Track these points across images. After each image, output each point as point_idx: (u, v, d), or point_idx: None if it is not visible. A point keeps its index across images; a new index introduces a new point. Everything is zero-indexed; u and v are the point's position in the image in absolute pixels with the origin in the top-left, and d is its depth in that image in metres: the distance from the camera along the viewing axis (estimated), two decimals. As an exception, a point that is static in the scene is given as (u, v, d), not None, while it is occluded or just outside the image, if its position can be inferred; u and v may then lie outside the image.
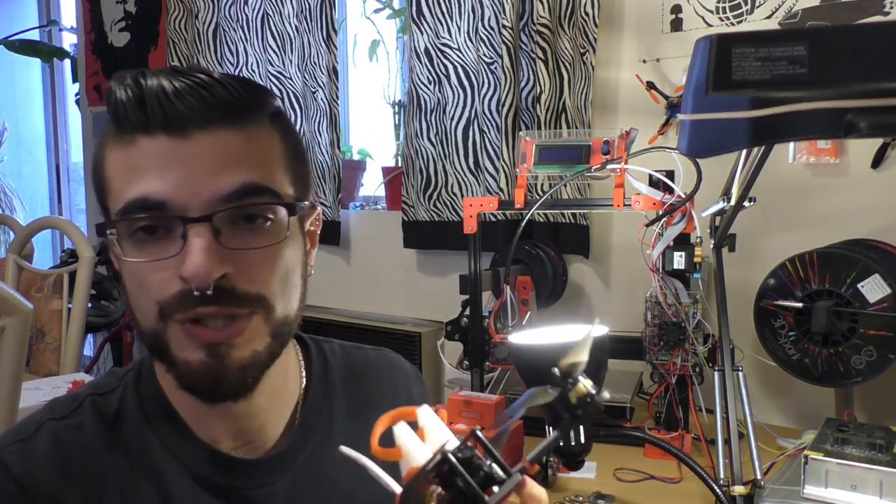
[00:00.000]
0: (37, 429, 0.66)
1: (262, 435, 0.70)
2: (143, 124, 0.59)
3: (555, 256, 1.86)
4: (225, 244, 0.59)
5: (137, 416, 0.68)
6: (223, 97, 0.59)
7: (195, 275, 0.58)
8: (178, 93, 0.58)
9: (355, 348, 0.83)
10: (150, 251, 0.60)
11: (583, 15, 1.81)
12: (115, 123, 0.61)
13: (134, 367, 0.72)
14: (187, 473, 0.66)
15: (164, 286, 0.60)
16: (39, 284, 2.29)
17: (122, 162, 0.60)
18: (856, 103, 0.76)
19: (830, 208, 1.60)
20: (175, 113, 0.58)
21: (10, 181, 4.50)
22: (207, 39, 2.72)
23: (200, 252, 0.58)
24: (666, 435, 1.38)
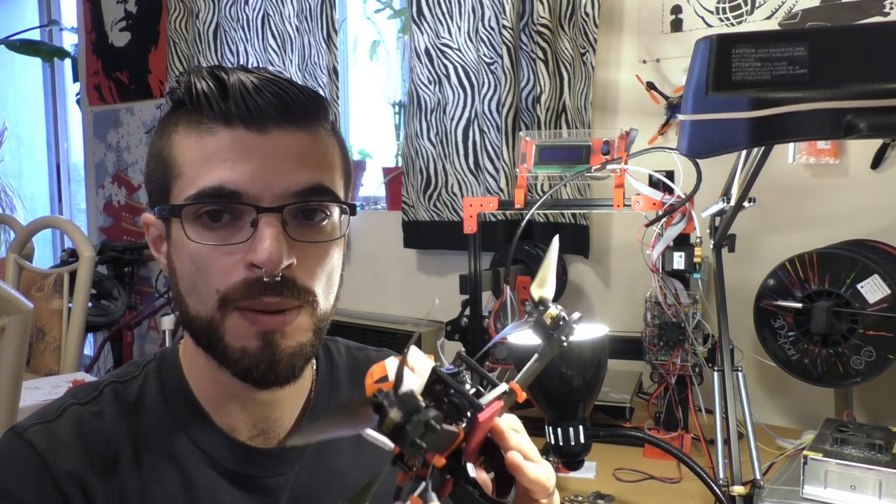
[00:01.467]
0: (60, 412, 0.68)
1: (278, 426, 0.73)
2: (224, 115, 0.62)
3: (555, 256, 1.86)
4: (290, 235, 0.63)
5: (158, 405, 0.70)
6: (297, 98, 0.63)
7: (268, 260, 0.60)
8: (258, 88, 0.62)
9: (359, 349, 0.86)
10: (217, 236, 0.62)
11: (583, 15, 1.81)
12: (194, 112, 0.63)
13: (155, 357, 0.74)
14: (206, 461, 0.69)
15: (229, 273, 0.62)
16: (40, 284, 2.29)
17: (198, 149, 0.63)
18: (856, 104, 0.76)
19: (830, 209, 1.60)
20: (256, 107, 0.61)
21: (10, 181, 4.50)
22: (208, 39, 2.72)
23: (273, 239, 0.61)
24: (665, 435, 1.39)
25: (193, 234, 0.62)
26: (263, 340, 0.63)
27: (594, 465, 1.36)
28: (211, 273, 0.62)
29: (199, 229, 0.62)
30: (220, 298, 0.63)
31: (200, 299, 0.64)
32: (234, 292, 0.62)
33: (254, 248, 0.61)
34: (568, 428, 0.96)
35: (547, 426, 0.98)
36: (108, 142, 3.42)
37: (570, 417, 0.96)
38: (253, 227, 0.62)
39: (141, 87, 3.21)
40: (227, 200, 0.61)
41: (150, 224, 0.70)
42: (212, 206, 0.62)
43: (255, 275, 0.62)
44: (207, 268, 0.63)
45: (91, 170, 3.54)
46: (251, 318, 0.63)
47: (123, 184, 3.37)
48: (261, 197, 0.62)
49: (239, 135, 0.62)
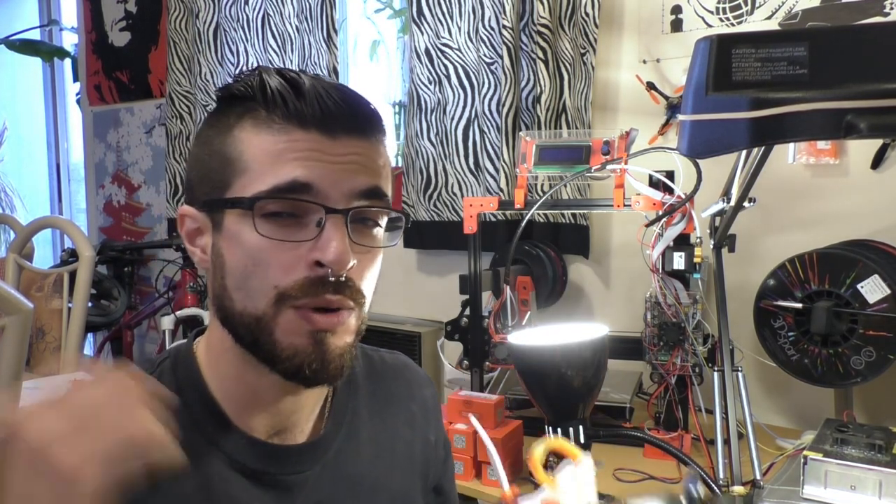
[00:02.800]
0: None
1: (295, 427, 0.73)
2: (300, 117, 0.63)
3: (555, 256, 1.86)
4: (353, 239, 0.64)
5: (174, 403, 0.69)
6: (366, 109, 0.66)
7: (336, 260, 0.62)
8: (331, 96, 0.64)
9: (373, 351, 0.87)
10: (282, 233, 0.63)
11: (583, 15, 1.81)
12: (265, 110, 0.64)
13: (169, 355, 0.73)
14: (222, 457, 0.68)
15: (289, 271, 0.63)
16: (40, 284, 2.29)
17: (269, 146, 0.63)
18: (856, 104, 0.76)
19: (830, 209, 1.60)
20: (329, 111, 0.63)
21: (10, 181, 4.50)
22: (208, 39, 2.72)
23: (343, 240, 0.62)
24: (665, 435, 1.39)
25: (261, 227, 0.63)
26: (314, 339, 0.64)
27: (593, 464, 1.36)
28: (270, 269, 0.63)
29: (265, 225, 0.63)
30: (278, 294, 0.63)
31: (252, 295, 0.64)
32: (294, 289, 0.63)
33: (321, 247, 0.62)
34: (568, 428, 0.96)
35: (547, 426, 0.98)
36: (108, 142, 3.42)
37: (570, 417, 0.96)
38: (318, 226, 0.63)
39: (141, 86, 3.21)
40: (299, 195, 0.62)
41: (187, 216, 0.69)
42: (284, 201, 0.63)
43: (317, 273, 0.63)
44: (266, 263, 0.63)
45: (91, 170, 3.54)
46: (306, 315, 0.63)
47: (123, 184, 3.37)
48: (329, 196, 0.63)
49: (312, 136, 0.63)
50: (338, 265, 0.62)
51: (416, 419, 0.84)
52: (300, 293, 0.63)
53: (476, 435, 1.32)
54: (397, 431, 0.81)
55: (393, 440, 0.80)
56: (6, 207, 4.42)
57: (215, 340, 0.70)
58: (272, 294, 0.63)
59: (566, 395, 0.95)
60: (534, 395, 0.98)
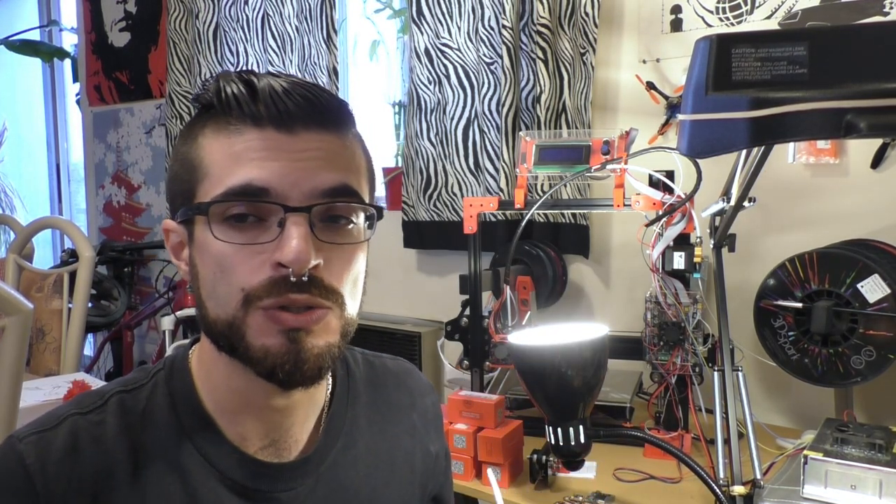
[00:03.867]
0: (59, 422, 0.66)
1: (290, 437, 0.71)
2: (254, 117, 0.62)
3: (555, 256, 1.86)
4: (318, 236, 0.62)
5: (166, 415, 0.68)
6: (327, 103, 0.64)
7: (295, 259, 0.60)
8: (287, 92, 0.62)
9: (375, 357, 0.85)
10: (244, 236, 0.62)
11: (583, 15, 1.81)
12: (222, 115, 0.63)
13: (165, 365, 0.72)
14: (213, 473, 0.67)
15: (254, 273, 0.62)
16: (40, 284, 2.29)
17: (226, 149, 0.62)
18: (855, 103, 0.76)
19: (830, 208, 1.60)
20: (285, 109, 0.61)
21: (10, 181, 4.50)
22: (208, 39, 2.72)
23: (301, 238, 0.60)
24: (666, 435, 1.39)
25: (219, 233, 0.62)
26: (288, 338, 0.62)
27: (594, 465, 1.36)
28: (235, 273, 0.62)
29: (225, 229, 0.62)
30: (244, 297, 0.62)
31: (221, 301, 0.63)
32: (259, 290, 0.61)
33: (281, 246, 0.61)
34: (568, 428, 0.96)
35: (547, 426, 0.98)
36: (107, 142, 3.42)
37: (570, 417, 0.96)
38: (280, 226, 0.61)
39: (141, 87, 3.21)
40: (255, 198, 0.61)
41: (170, 230, 0.69)
42: (240, 203, 0.61)
43: (281, 274, 0.61)
44: (231, 268, 0.62)
45: (91, 170, 3.54)
46: (274, 316, 0.62)
47: (123, 184, 3.37)
48: (289, 196, 0.61)
49: (268, 134, 0.62)
50: (297, 264, 0.60)
51: (416, 429, 0.83)
52: (264, 293, 0.61)
53: (476, 435, 1.32)
54: (397, 441, 0.80)
55: (392, 450, 0.79)
56: (6, 208, 4.42)
57: (205, 350, 0.69)
58: (239, 297, 0.62)
59: (566, 395, 0.95)
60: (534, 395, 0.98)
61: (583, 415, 0.97)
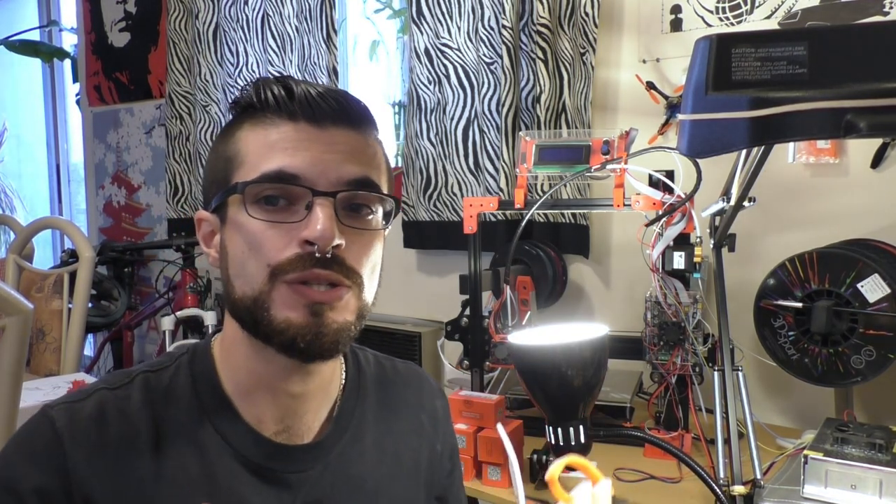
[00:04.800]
0: (88, 395, 0.71)
1: (303, 424, 0.75)
2: (290, 112, 0.68)
3: (555, 256, 1.86)
4: (341, 221, 0.68)
5: (187, 393, 0.73)
6: (355, 104, 0.71)
7: (321, 236, 0.65)
8: (322, 95, 0.69)
9: (386, 359, 0.89)
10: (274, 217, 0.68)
11: (583, 15, 1.81)
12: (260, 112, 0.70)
13: (189, 349, 0.77)
14: (229, 450, 0.71)
15: (281, 249, 0.67)
16: (40, 284, 2.29)
17: (261, 139, 0.69)
18: (855, 103, 0.76)
19: (830, 208, 1.60)
20: (316, 104, 0.68)
21: (10, 181, 4.50)
22: (207, 39, 2.72)
23: (327, 218, 0.66)
24: (666, 435, 1.39)
25: (253, 211, 0.67)
26: (311, 311, 0.67)
27: (594, 465, 1.36)
28: (263, 249, 0.67)
29: (258, 209, 0.67)
30: (271, 272, 0.66)
31: (249, 279, 0.68)
32: (286, 265, 0.66)
33: (308, 225, 0.66)
34: (568, 428, 0.96)
35: (547, 426, 0.98)
36: (107, 142, 3.42)
37: (570, 417, 0.96)
38: (307, 209, 0.67)
39: (141, 87, 3.21)
40: (287, 182, 0.67)
41: (203, 220, 0.74)
42: (272, 187, 0.67)
43: (306, 251, 0.66)
44: (260, 245, 0.67)
45: (91, 170, 3.54)
46: (299, 290, 0.66)
47: (123, 184, 3.37)
48: (317, 182, 0.67)
49: (301, 127, 0.68)
50: (322, 241, 0.65)
51: (424, 428, 0.86)
52: (290, 267, 0.66)
53: (476, 435, 1.32)
54: (403, 439, 0.83)
55: (398, 447, 0.82)
56: (6, 208, 4.42)
57: (228, 333, 0.74)
58: (266, 272, 0.67)
59: (566, 394, 0.95)
60: (534, 395, 0.98)
61: (583, 415, 0.97)
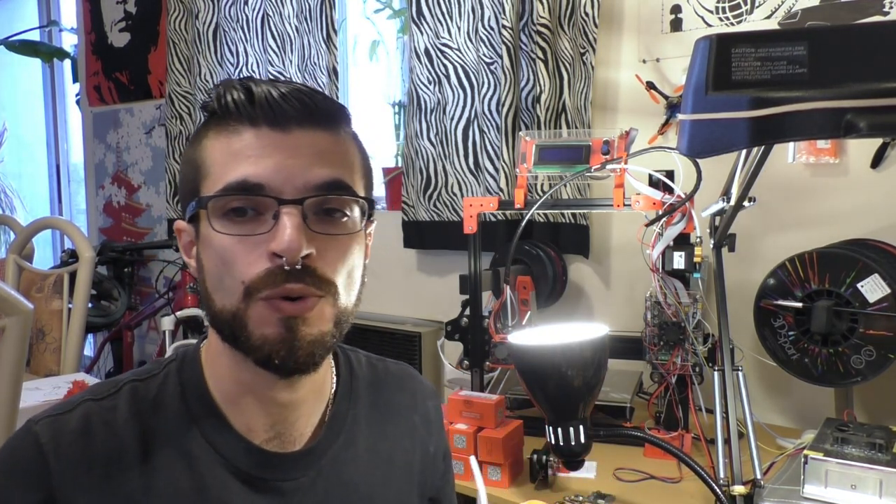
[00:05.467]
0: (73, 407, 0.70)
1: (294, 430, 0.74)
2: (250, 118, 0.65)
3: (555, 256, 1.86)
4: (311, 227, 0.65)
5: (176, 403, 0.71)
6: (321, 103, 0.67)
7: (287, 248, 0.63)
8: (284, 96, 0.65)
9: (378, 360, 0.87)
10: (242, 229, 0.65)
11: (583, 15, 1.81)
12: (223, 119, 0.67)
13: (177, 357, 0.75)
14: (219, 460, 0.70)
15: (252, 264, 0.65)
16: (40, 284, 2.29)
17: (224, 148, 0.66)
18: (855, 103, 0.76)
19: (830, 208, 1.60)
20: (278, 107, 0.65)
21: (10, 181, 4.50)
22: (207, 39, 2.72)
23: (293, 229, 0.63)
24: (666, 435, 1.39)
25: (219, 226, 0.65)
26: (285, 327, 0.65)
27: (594, 464, 1.36)
28: (236, 265, 0.65)
29: (225, 223, 0.65)
30: (245, 289, 0.65)
31: (226, 293, 0.66)
32: (258, 282, 0.64)
33: (275, 236, 0.64)
34: (568, 428, 0.96)
35: (547, 426, 0.98)
36: (107, 142, 3.42)
37: (570, 417, 0.96)
38: (275, 219, 0.64)
39: (141, 87, 3.21)
40: (251, 193, 0.64)
41: (181, 230, 0.72)
42: (237, 198, 0.65)
43: (276, 264, 0.64)
44: (232, 260, 0.65)
45: (91, 170, 3.54)
46: (275, 304, 0.65)
47: (123, 184, 3.37)
48: (282, 190, 0.64)
49: (262, 133, 0.65)
50: (289, 253, 0.63)
51: (417, 430, 0.85)
52: (262, 285, 0.64)
53: (476, 435, 1.32)
54: (397, 442, 0.82)
55: (391, 450, 0.81)
56: (6, 208, 4.42)
57: (213, 342, 0.72)
58: (241, 289, 0.65)
59: (566, 395, 0.95)
60: (534, 395, 0.98)
61: (583, 415, 0.97)
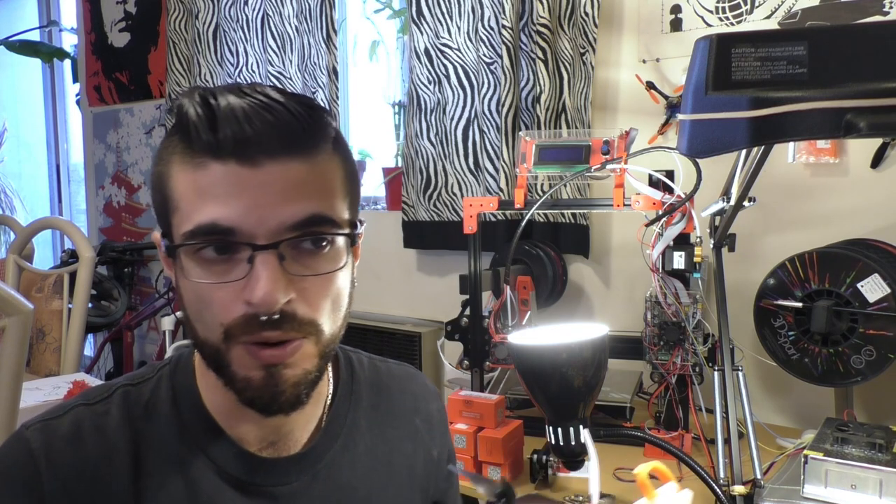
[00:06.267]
0: (65, 412, 0.69)
1: (289, 439, 0.72)
2: (213, 148, 0.60)
3: (555, 256, 1.86)
4: (288, 270, 0.61)
5: (168, 408, 0.70)
6: (289, 122, 0.60)
7: (262, 301, 0.60)
8: (248, 116, 0.59)
9: (381, 361, 0.86)
10: (216, 271, 0.62)
11: (583, 15, 1.81)
12: (185, 143, 0.62)
13: (170, 360, 0.74)
14: (212, 467, 0.69)
15: (229, 308, 0.62)
16: (40, 284, 2.29)
17: (191, 183, 0.61)
18: (855, 103, 0.76)
19: (830, 208, 1.60)
20: (245, 138, 0.59)
21: (10, 181, 4.50)
22: (207, 40, 2.72)
23: (267, 280, 0.60)
24: (666, 435, 1.39)
25: (194, 269, 0.62)
26: (266, 372, 0.63)
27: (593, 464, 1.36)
28: (213, 307, 0.62)
29: (201, 263, 0.62)
30: (224, 331, 0.62)
31: (207, 328, 0.64)
32: (236, 328, 0.62)
33: (250, 287, 0.60)
34: (568, 428, 0.96)
35: (547, 426, 0.98)
36: (107, 142, 3.42)
37: (570, 417, 0.96)
38: (250, 262, 0.60)
39: (141, 87, 3.21)
40: (222, 237, 0.60)
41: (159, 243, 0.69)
42: (206, 244, 0.61)
43: (253, 311, 0.61)
44: (209, 301, 0.62)
45: (91, 170, 3.54)
46: (253, 351, 0.62)
47: (123, 184, 3.37)
48: (255, 234, 0.60)
49: (230, 169, 0.60)
50: (264, 306, 0.60)
51: (419, 433, 0.83)
52: (240, 331, 0.62)
53: (476, 435, 1.32)
54: (397, 445, 0.80)
55: (392, 453, 0.79)
56: (6, 208, 4.42)
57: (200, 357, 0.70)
58: (220, 331, 0.62)
59: (566, 395, 0.95)
60: (534, 395, 0.98)
61: (583, 414, 0.97)
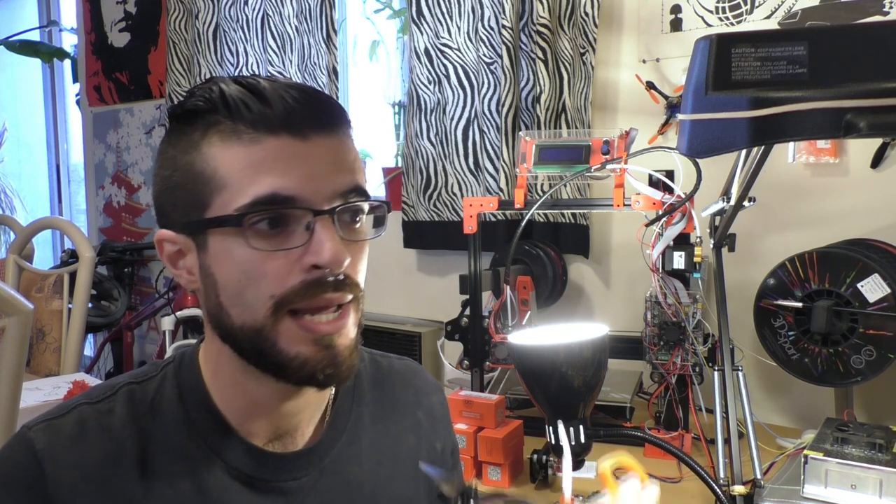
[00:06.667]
0: (68, 411, 0.68)
1: (296, 432, 0.73)
2: (266, 121, 0.62)
3: (555, 256, 1.86)
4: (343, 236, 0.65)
5: (174, 406, 0.70)
6: (327, 104, 0.66)
7: (333, 259, 0.62)
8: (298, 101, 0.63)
9: (382, 356, 0.87)
10: (271, 244, 0.63)
11: (583, 15, 1.81)
12: (229, 122, 0.63)
13: (175, 358, 0.74)
14: (219, 463, 0.69)
15: (284, 278, 0.63)
16: (40, 284, 2.29)
17: (243, 159, 0.62)
18: (855, 103, 0.76)
19: (830, 208, 1.60)
20: (294, 112, 0.63)
21: (10, 181, 4.50)
22: (207, 39, 2.72)
23: (335, 239, 0.63)
24: (666, 435, 1.39)
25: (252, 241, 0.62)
26: (321, 344, 0.64)
27: (594, 464, 1.36)
28: (264, 279, 0.63)
29: (252, 237, 0.62)
30: (274, 304, 0.63)
31: (247, 308, 0.64)
32: (291, 295, 0.63)
33: (315, 250, 0.63)
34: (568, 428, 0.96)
35: (547, 426, 0.98)
36: (107, 142, 3.42)
37: (571, 417, 0.96)
38: (307, 230, 0.63)
39: (141, 87, 3.21)
40: (282, 206, 0.62)
41: (166, 240, 0.68)
42: (268, 211, 0.62)
43: (314, 276, 0.63)
44: (260, 274, 0.63)
45: (91, 170, 3.54)
46: (305, 324, 0.64)
47: (123, 184, 3.37)
48: (313, 201, 0.63)
49: (284, 142, 0.62)
50: (336, 265, 0.63)
51: (422, 427, 0.84)
52: (297, 297, 0.63)
53: (476, 435, 1.32)
54: (401, 438, 0.81)
55: (396, 447, 0.80)
56: (6, 208, 4.42)
57: (213, 352, 0.70)
58: (269, 304, 0.63)
59: (566, 395, 0.95)
60: (534, 395, 0.98)
61: (583, 414, 0.97)
